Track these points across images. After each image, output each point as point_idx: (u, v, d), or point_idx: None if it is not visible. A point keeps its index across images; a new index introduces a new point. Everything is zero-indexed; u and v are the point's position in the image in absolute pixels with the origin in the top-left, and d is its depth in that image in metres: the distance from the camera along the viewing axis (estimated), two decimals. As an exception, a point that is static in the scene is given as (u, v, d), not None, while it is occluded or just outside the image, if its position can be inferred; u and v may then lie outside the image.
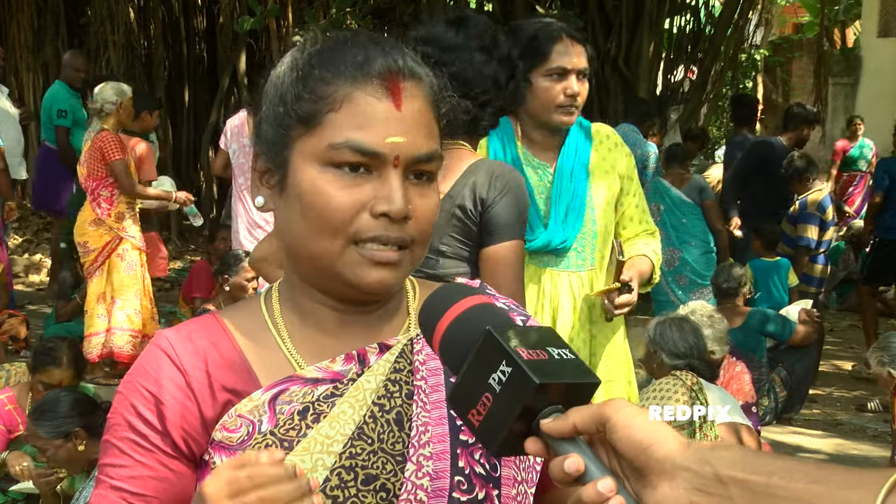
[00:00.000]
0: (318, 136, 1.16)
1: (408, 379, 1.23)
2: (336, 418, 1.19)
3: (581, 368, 1.00)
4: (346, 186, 1.15)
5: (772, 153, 7.81)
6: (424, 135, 1.18)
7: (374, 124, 1.15)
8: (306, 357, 1.23)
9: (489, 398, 0.97)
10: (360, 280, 1.17)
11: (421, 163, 1.18)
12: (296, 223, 1.18)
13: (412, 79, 1.19)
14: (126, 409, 1.20)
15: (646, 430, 0.92)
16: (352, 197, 1.15)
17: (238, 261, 6.12)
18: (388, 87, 1.16)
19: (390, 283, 1.18)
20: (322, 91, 1.17)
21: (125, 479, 1.18)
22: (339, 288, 1.21)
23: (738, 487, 0.87)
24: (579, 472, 0.92)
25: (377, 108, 1.15)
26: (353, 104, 1.15)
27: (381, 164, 1.15)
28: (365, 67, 1.16)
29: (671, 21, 11.26)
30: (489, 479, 1.21)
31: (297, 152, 1.18)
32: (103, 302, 6.60)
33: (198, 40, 12.64)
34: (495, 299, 1.33)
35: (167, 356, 1.20)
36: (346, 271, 1.17)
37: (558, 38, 2.94)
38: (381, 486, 1.18)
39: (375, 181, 1.16)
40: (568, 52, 2.93)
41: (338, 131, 1.15)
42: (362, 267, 1.16)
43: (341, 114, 1.15)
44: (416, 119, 1.17)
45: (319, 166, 1.16)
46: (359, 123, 1.15)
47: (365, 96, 1.16)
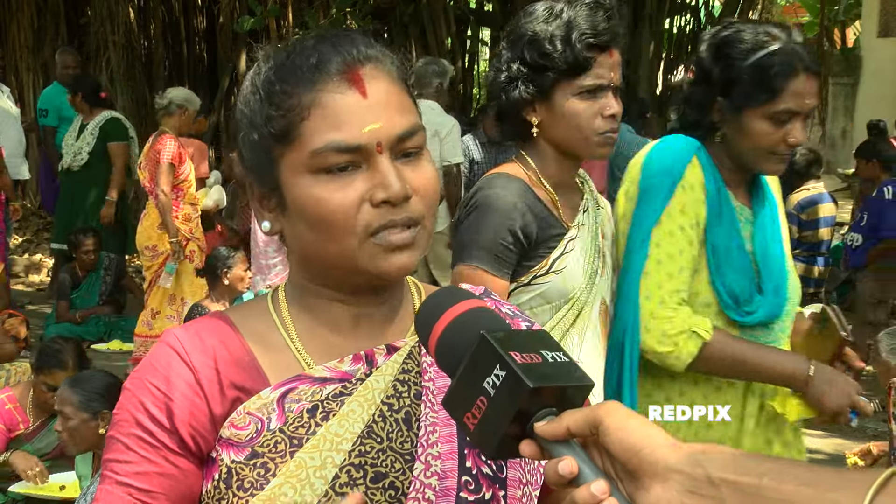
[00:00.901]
0: (299, 148, 1.17)
1: (416, 380, 1.24)
2: (345, 417, 1.19)
3: (575, 371, 1.01)
4: (339, 188, 1.16)
5: None
6: (398, 113, 1.18)
7: (347, 119, 1.16)
8: (314, 356, 1.24)
9: (484, 401, 0.97)
10: (382, 269, 1.18)
11: (404, 140, 1.18)
12: (306, 236, 1.20)
13: (369, 62, 1.19)
14: (134, 406, 1.20)
15: (639, 432, 0.92)
16: (348, 195, 1.16)
17: (231, 253, 6.19)
18: (349, 78, 1.17)
19: (411, 263, 1.19)
20: (288, 104, 1.17)
21: (131, 475, 1.19)
22: (359, 281, 1.21)
23: (730, 489, 0.88)
24: (573, 474, 0.93)
25: (345, 103, 1.16)
26: (321, 107, 1.16)
27: (367, 155, 1.16)
28: (320, 67, 1.17)
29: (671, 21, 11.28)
30: (496, 480, 1.22)
31: (285, 169, 1.19)
32: (174, 303, 6.66)
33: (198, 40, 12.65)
34: (500, 304, 1.33)
35: (176, 353, 1.21)
36: (367, 264, 1.18)
37: (794, 74, 2.29)
38: (390, 485, 1.19)
39: (366, 173, 1.16)
40: (803, 93, 2.31)
41: (315, 137, 1.16)
42: (382, 257, 1.17)
43: (313, 119, 1.16)
44: (386, 100, 1.18)
45: (309, 176, 1.17)
46: (332, 123, 1.16)
47: (330, 95, 1.16)
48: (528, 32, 2.25)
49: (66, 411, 3.83)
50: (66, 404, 3.85)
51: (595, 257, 2.33)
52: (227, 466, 1.18)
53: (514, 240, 2.21)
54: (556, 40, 2.20)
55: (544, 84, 2.22)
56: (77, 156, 7.95)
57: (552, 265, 2.26)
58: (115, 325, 7.75)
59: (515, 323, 1.31)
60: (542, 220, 2.25)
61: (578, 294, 2.29)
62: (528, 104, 2.26)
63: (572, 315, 2.29)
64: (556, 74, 2.21)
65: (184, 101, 6.90)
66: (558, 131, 2.26)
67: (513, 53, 2.27)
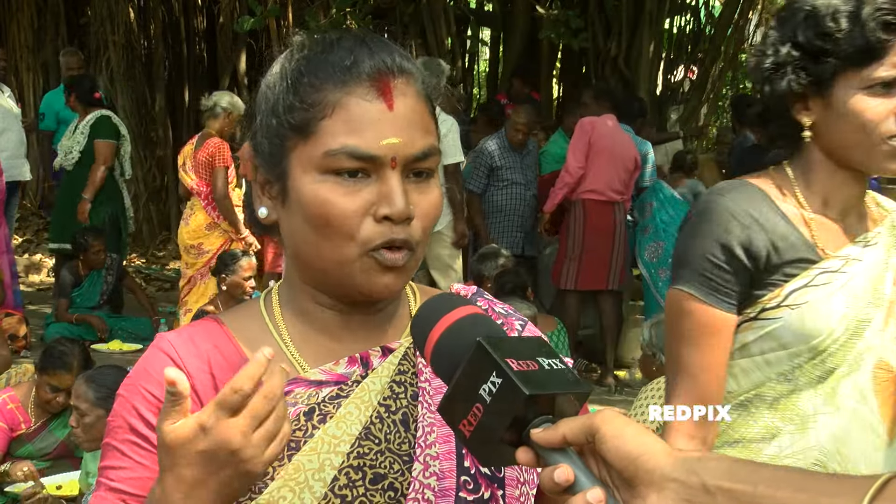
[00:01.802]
0: (314, 145, 1.16)
1: (412, 381, 1.24)
2: (342, 419, 1.19)
3: (571, 379, 1.01)
4: (347, 193, 1.16)
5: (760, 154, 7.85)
6: (420, 132, 1.18)
7: (368, 128, 1.15)
8: (309, 360, 1.24)
9: (480, 409, 0.97)
10: (369, 286, 1.18)
11: (418, 161, 1.18)
12: (302, 232, 1.19)
13: (402, 76, 1.18)
14: (128, 412, 1.20)
15: (635, 441, 0.93)
16: (354, 203, 1.16)
17: (235, 260, 6.20)
18: (379, 87, 1.16)
19: (397, 287, 1.20)
20: (313, 98, 1.17)
21: (125, 481, 1.19)
22: (345, 292, 1.21)
23: (725, 497, 0.88)
24: (569, 482, 0.93)
25: (369, 111, 1.15)
26: (345, 109, 1.15)
27: (379, 167, 1.16)
28: (353, 70, 1.16)
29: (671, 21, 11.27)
30: (494, 480, 1.22)
31: (295, 162, 1.18)
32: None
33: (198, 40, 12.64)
34: (493, 304, 1.33)
35: (170, 358, 1.20)
36: (358, 278, 1.18)
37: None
38: (389, 486, 1.18)
39: (375, 184, 1.16)
40: None
41: (332, 138, 1.15)
42: (373, 274, 1.17)
43: (334, 120, 1.16)
44: (410, 117, 1.17)
45: (318, 174, 1.16)
46: (352, 128, 1.15)
47: (356, 100, 1.16)
48: (804, 6, 1.76)
49: (83, 407, 3.84)
50: (83, 400, 3.85)
51: (870, 305, 1.80)
52: None
53: (729, 257, 1.77)
54: (841, 17, 1.71)
55: (822, 73, 1.74)
56: (68, 154, 7.95)
57: (787, 297, 1.78)
58: (115, 325, 7.75)
59: (509, 322, 1.31)
60: (780, 239, 1.78)
61: (829, 344, 1.77)
62: (799, 99, 1.79)
63: (817, 371, 1.80)
64: (838, 61, 1.72)
65: (229, 104, 7.08)
66: (837, 135, 1.76)
67: (783, 33, 1.78)
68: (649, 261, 7.43)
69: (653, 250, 7.43)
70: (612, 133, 7.12)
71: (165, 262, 10.91)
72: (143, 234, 11.39)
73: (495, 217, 7.45)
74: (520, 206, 7.43)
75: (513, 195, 7.40)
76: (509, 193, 7.39)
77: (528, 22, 10.64)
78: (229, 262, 6.26)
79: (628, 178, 7.16)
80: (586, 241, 7.12)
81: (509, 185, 7.38)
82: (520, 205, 7.43)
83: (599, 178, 7.03)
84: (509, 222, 7.45)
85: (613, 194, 7.11)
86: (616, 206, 7.14)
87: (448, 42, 10.77)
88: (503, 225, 7.46)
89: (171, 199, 11.63)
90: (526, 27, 10.69)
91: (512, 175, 7.37)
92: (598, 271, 7.14)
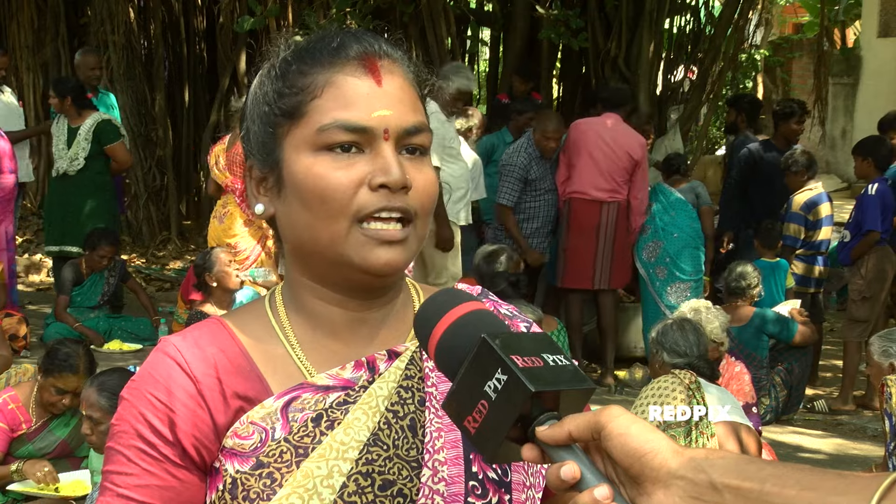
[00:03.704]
0: (306, 125, 1.18)
1: (419, 386, 1.23)
2: (350, 425, 1.18)
3: (576, 375, 1.00)
4: (341, 167, 1.16)
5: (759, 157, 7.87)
6: (410, 108, 1.20)
7: (359, 101, 1.17)
8: (315, 363, 1.23)
9: (485, 406, 0.97)
10: (367, 262, 1.17)
11: (410, 135, 1.19)
12: (298, 216, 1.19)
13: (388, 58, 1.21)
14: (134, 417, 1.19)
15: (641, 438, 0.92)
16: (349, 174, 1.16)
17: (208, 254, 6.23)
18: (366, 65, 1.18)
19: (398, 263, 1.18)
20: (302, 83, 1.19)
21: (131, 488, 1.18)
22: (346, 275, 1.20)
23: (732, 494, 0.88)
24: (575, 479, 0.93)
25: (359, 86, 1.18)
26: (335, 87, 1.18)
27: (372, 140, 1.17)
28: (341, 52, 1.19)
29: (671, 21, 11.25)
30: (501, 485, 1.22)
31: (288, 146, 1.19)
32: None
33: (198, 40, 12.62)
34: (499, 305, 1.32)
35: (176, 363, 1.19)
36: (353, 254, 1.17)
37: None
38: (399, 492, 1.18)
39: (369, 157, 1.17)
40: None
41: (324, 115, 1.17)
42: (369, 248, 1.17)
43: (324, 98, 1.17)
44: (399, 94, 1.19)
45: (312, 153, 1.17)
46: (343, 104, 1.17)
47: (345, 77, 1.18)
48: None
49: (96, 416, 3.86)
50: (95, 409, 3.87)
51: None
52: (231, 477, 1.17)
53: None
54: None
55: None
56: (74, 161, 7.93)
57: None
58: (115, 325, 7.74)
59: (514, 324, 1.30)
60: None
61: None
62: None
63: None
64: None
65: None
66: None
67: None
68: (647, 260, 7.44)
69: (651, 250, 7.43)
70: (601, 132, 7.12)
71: (165, 262, 10.89)
72: (143, 234, 11.38)
73: (530, 224, 7.38)
74: (551, 210, 7.43)
75: (547, 202, 7.37)
76: (545, 201, 7.35)
77: (528, 22, 10.63)
78: (205, 260, 6.28)
79: (623, 176, 7.14)
80: (570, 239, 7.18)
81: (544, 193, 7.35)
82: (551, 210, 7.42)
83: (583, 177, 7.11)
84: (543, 228, 7.43)
85: (600, 193, 7.11)
86: (603, 206, 7.14)
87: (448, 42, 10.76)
88: (539, 233, 7.43)
89: (171, 199, 11.62)
90: (526, 27, 10.68)
91: (545, 184, 7.35)
92: (582, 270, 7.16)
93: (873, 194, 6.91)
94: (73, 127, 7.98)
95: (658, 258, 7.40)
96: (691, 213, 7.48)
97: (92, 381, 4.05)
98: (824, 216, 7.35)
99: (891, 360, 4.73)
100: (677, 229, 7.42)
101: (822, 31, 12.99)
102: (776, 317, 6.51)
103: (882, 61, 13.02)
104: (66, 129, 7.99)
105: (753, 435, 4.10)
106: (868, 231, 6.87)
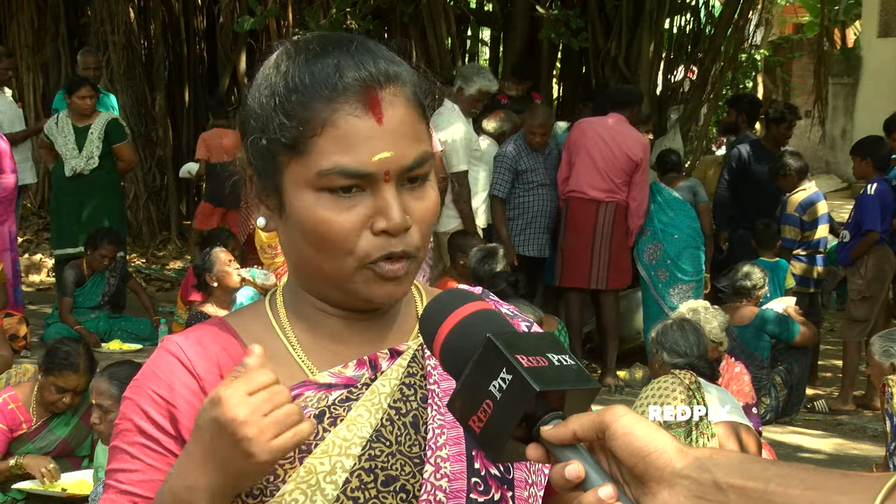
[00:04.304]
0: (305, 164, 1.16)
1: (421, 383, 1.24)
2: (353, 421, 1.19)
3: (581, 375, 1.01)
4: (342, 209, 1.16)
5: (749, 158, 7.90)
6: (411, 142, 1.17)
7: (359, 144, 1.14)
8: (316, 362, 1.23)
9: (490, 405, 0.97)
10: (371, 296, 1.20)
11: (411, 170, 1.18)
12: (301, 246, 1.20)
13: (389, 84, 1.16)
14: (137, 414, 1.19)
15: (645, 438, 0.92)
16: (350, 218, 1.16)
17: (207, 255, 6.21)
18: (366, 101, 1.15)
19: (399, 295, 1.21)
20: (302, 115, 1.16)
21: (137, 484, 1.18)
22: (347, 300, 1.22)
23: (737, 494, 0.88)
24: (580, 478, 0.93)
25: (359, 127, 1.14)
26: (334, 127, 1.14)
27: (373, 182, 1.16)
28: (339, 85, 1.15)
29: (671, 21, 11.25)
30: (504, 481, 1.23)
31: (289, 178, 1.18)
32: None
33: (198, 40, 12.63)
34: (499, 305, 1.33)
35: (179, 361, 1.20)
36: (359, 288, 1.19)
37: None
38: (401, 488, 1.19)
39: (370, 198, 1.16)
40: None
41: (324, 157, 1.15)
42: (375, 284, 1.18)
43: (324, 138, 1.15)
44: (400, 129, 1.16)
45: (312, 192, 1.16)
46: (343, 147, 1.14)
47: (344, 116, 1.14)
48: None
49: (106, 404, 3.90)
50: (106, 397, 3.91)
51: None
52: None
53: None
54: None
55: None
56: (90, 160, 7.93)
57: None
58: (115, 325, 7.74)
59: (515, 323, 1.31)
60: None
61: None
62: None
63: None
64: None
65: None
66: None
67: None
68: (648, 263, 7.43)
69: (651, 252, 7.42)
70: (601, 132, 7.12)
71: (165, 262, 10.90)
72: (143, 234, 11.38)
73: (522, 219, 7.36)
74: (546, 207, 7.36)
75: (540, 197, 7.32)
76: (537, 195, 7.31)
77: (528, 22, 10.63)
78: (205, 261, 6.26)
79: (622, 177, 7.14)
80: (567, 238, 7.20)
81: (536, 186, 7.31)
82: (546, 206, 7.36)
83: (580, 176, 7.14)
84: (537, 224, 7.37)
85: (597, 193, 7.12)
86: (600, 206, 7.14)
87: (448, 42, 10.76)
88: (531, 227, 7.39)
89: (171, 199, 11.63)
90: (526, 27, 10.68)
91: (537, 177, 7.30)
92: (578, 269, 7.17)
93: (872, 194, 6.92)
94: (81, 126, 7.95)
95: (659, 261, 7.39)
96: (690, 212, 7.47)
97: (102, 372, 4.11)
98: (820, 215, 7.37)
99: (891, 360, 4.73)
100: (677, 230, 7.41)
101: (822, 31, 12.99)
102: (778, 317, 6.51)
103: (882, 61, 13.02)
104: (72, 128, 7.95)
105: (753, 435, 4.10)
106: (867, 231, 6.88)
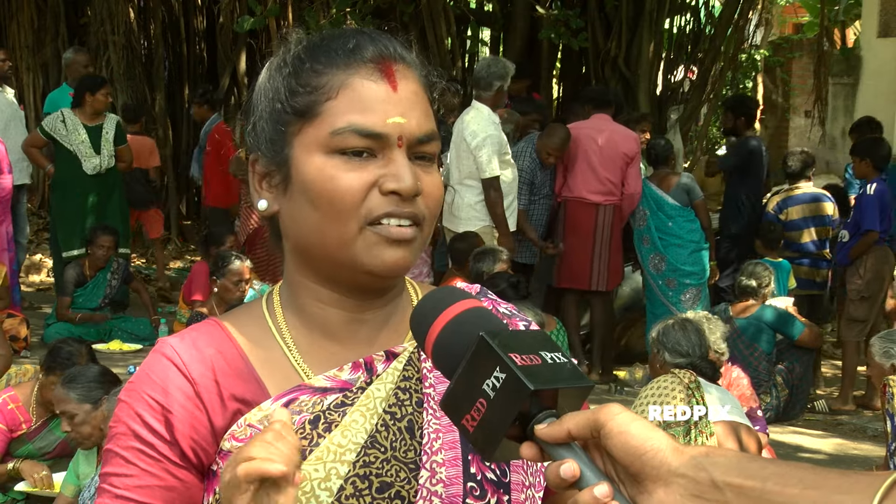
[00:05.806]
0: (319, 126, 1.17)
1: (417, 387, 1.22)
2: (348, 427, 1.18)
3: (575, 373, 1.00)
4: (353, 169, 1.16)
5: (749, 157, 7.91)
6: (423, 115, 1.19)
7: (374, 107, 1.16)
8: (312, 364, 1.22)
9: (483, 404, 0.96)
10: (377, 262, 1.17)
11: (422, 143, 1.18)
12: (305, 216, 1.18)
13: (403, 62, 1.20)
14: (131, 418, 1.18)
15: (641, 436, 0.92)
16: (360, 178, 1.15)
17: (226, 263, 6.18)
18: (382, 69, 1.17)
19: (406, 262, 1.18)
20: (316, 82, 1.17)
21: (131, 489, 1.17)
22: (352, 276, 1.20)
23: (734, 493, 0.87)
24: (575, 477, 0.92)
25: (375, 91, 1.16)
26: (350, 90, 1.16)
27: (385, 146, 1.16)
28: (356, 54, 1.18)
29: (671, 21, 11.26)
30: (500, 485, 1.21)
31: (299, 145, 1.18)
32: None
33: (198, 40, 12.63)
34: (497, 303, 1.32)
35: (174, 364, 1.19)
36: (362, 254, 1.16)
37: None
38: (396, 494, 1.17)
39: (380, 162, 1.16)
40: None
41: (338, 117, 1.16)
42: (378, 247, 1.16)
43: (339, 100, 1.16)
44: (413, 100, 1.19)
45: (324, 154, 1.16)
46: (358, 108, 1.16)
47: (361, 80, 1.17)
48: None
49: (69, 409, 3.88)
50: (67, 403, 3.89)
51: None
52: None
53: None
54: None
55: None
56: (110, 158, 7.96)
57: None
58: (115, 325, 7.73)
59: (513, 322, 1.30)
60: None
61: None
62: None
63: None
64: None
65: None
66: None
67: None
68: (654, 272, 7.41)
69: (656, 263, 7.39)
70: (593, 135, 7.13)
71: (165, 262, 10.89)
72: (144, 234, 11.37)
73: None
74: (543, 215, 7.47)
75: (539, 206, 7.39)
76: (538, 205, 7.38)
77: (528, 22, 10.63)
78: (220, 265, 6.24)
79: (619, 175, 7.14)
80: (566, 240, 7.22)
81: (542, 198, 7.38)
82: (543, 215, 7.47)
83: (578, 181, 7.19)
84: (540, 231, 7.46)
85: (594, 196, 7.16)
86: (599, 209, 7.16)
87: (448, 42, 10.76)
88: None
89: (171, 199, 11.62)
90: (526, 27, 10.68)
91: (544, 190, 7.38)
92: (578, 271, 7.20)
93: (872, 194, 6.93)
94: (92, 126, 7.92)
95: (665, 271, 7.38)
96: (689, 215, 7.40)
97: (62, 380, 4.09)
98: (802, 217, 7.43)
99: (892, 360, 4.73)
100: (677, 238, 7.39)
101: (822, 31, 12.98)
102: (779, 311, 6.54)
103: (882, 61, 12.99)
104: (83, 126, 7.89)
105: (753, 435, 4.09)
106: (867, 231, 6.88)
